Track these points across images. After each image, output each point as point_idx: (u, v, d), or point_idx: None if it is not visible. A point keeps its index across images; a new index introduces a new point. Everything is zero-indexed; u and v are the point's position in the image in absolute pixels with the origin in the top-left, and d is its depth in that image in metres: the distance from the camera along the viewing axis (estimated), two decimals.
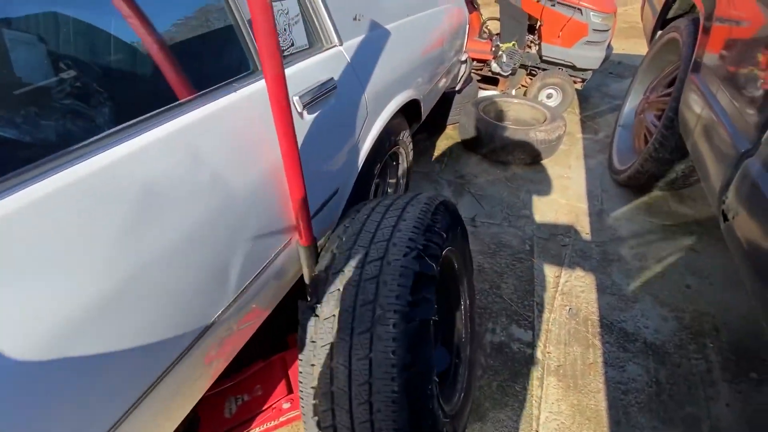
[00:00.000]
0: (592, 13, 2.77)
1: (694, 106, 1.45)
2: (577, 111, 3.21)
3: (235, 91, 0.69)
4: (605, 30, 2.83)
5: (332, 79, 0.89)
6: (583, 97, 3.43)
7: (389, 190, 1.72)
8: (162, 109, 0.58)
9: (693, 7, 2.01)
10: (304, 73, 0.83)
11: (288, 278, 0.92)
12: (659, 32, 2.25)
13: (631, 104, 2.44)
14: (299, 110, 0.80)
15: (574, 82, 3.16)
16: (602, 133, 2.84)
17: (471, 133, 2.46)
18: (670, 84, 2.00)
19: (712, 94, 1.35)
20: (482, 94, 3.29)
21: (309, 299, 0.82)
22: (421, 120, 1.75)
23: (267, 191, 0.75)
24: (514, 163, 2.43)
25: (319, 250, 0.88)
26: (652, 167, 1.90)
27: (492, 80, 3.39)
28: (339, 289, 0.77)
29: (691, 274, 1.71)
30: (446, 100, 2.70)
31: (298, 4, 0.84)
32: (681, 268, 1.74)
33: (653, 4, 2.50)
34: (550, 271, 1.72)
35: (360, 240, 0.82)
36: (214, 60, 0.75)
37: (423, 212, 0.87)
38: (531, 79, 3.32)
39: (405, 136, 1.54)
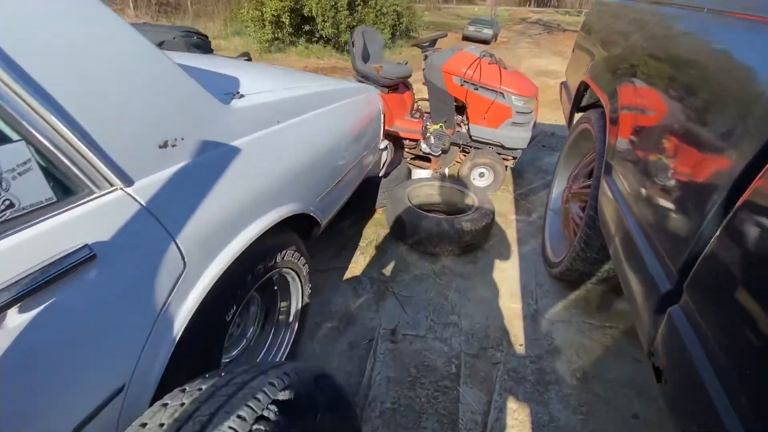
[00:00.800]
0: (513, 96, 2.80)
1: (610, 213, 1.31)
2: (511, 188, 3.16)
3: None
4: (528, 112, 2.86)
5: (85, 246, 0.61)
6: (516, 172, 3.41)
7: (280, 317, 1.40)
8: None
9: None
10: (18, 251, 0.55)
11: None
12: (574, 120, 2.24)
13: (557, 189, 2.37)
14: None
15: (505, 160, 3.15)
16: (535, 214, 2.75)
17: (397, 222, 2.26)
18: (591, 174, 1.93)
19: (627, 206, 1.21)
20: (416, 172, 3.19)
21: None
22: (321, 228, 1.51)
23: None
24: (443, 254, 2.22)
25: None
26: (580, 266, 1.74)
27: (426, 158, 3.32)
28: None
29: (637, 396, 1.48)
30: (372, 183, 2.53)
31: (28, 145, 0.58)
32: (626, 388, 1.51)
33: (568, 90, 2.55)
34: (478, 404, 1.42)
35: None
36: None
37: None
38: (465, 155, 3.29)
39: (289, 255, 1.27)
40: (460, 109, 3.12)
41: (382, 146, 2.26)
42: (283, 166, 1.17)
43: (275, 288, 1.34)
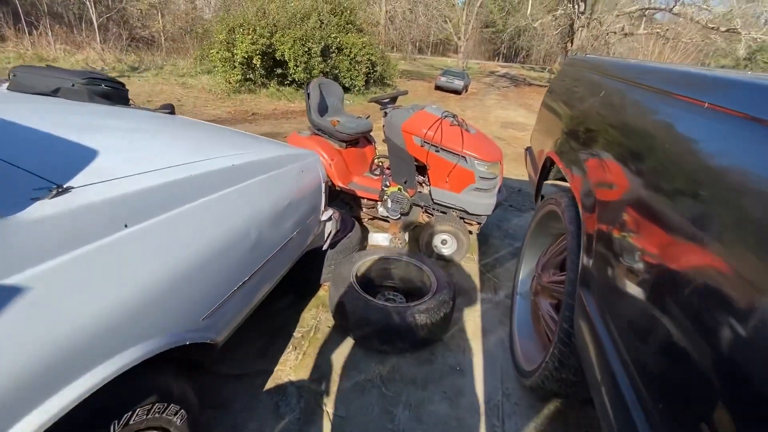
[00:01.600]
0: (476, 161, 2.58)
1: (591, 348, 0.99)
2: (476, 257, 2.87)
3: None
4: (492, 178, 2.64)
5: None
6: (482, 237, 3.15)
7: None
8: None
9: None
10: None
11: None
12: (540, 196, 2.01)
13: (525, 270, 2.08)
14: None
15: (469, 224, 2.88)
16: (503, 292, 2.44)
17: (340, 309, 1.88)
18: (562, 266, 1.65)
19: (612, 343, 0.90)
20: (373, 236, 2.86)
21: None
22: (218, 346, 1.11)
23: None
24: (393, 351, 1.85)
25: None
26: (555, 387, 1.40)
27: (386, 218, 3.01)
28: None
29: None
30: (317, 255, 2.17)
31: None
32: None
33: (533, 158, 2.35)
34: None
35: None
36: None
37: None
38: (428, 216, 3.00)
39: (146, 413, 0.86)
40: (423, 168, 2.87)
41: (325, 217, 1.93)
42: (129, 291, 0.79)
43: None
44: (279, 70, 9.79)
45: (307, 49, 9.47)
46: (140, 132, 1.34)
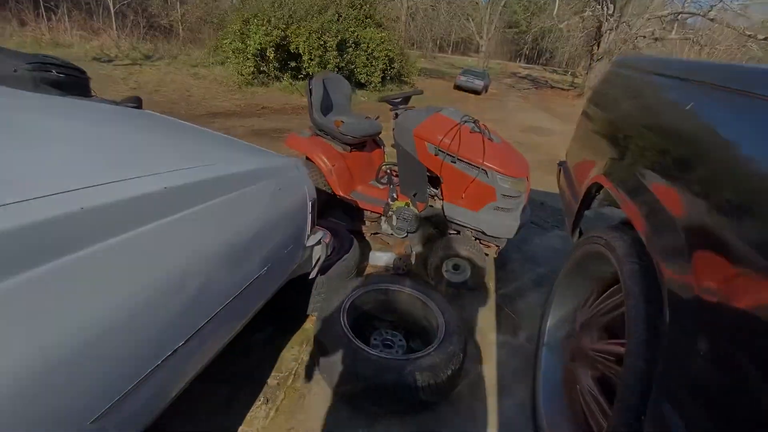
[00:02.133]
0: (498, 176, 2.20)
1: None
2: (492, 285, 2.49)
3: None
4: (516, 196, 2.25)
5: None
6: (499, 261, 2.76)
7: None
8: None
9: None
10: None
11: None
12: (578, 229, 1.62)
13: (555, 317, 1.69)
14: None
15: (487, 246, 2.50)
16: (524, 333, 2.06)
17: (325, 355, 1.53)
18: (610, 330, 1.26)
19: None
20: (374, 255, 2.51)
21: None
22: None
23: None
24: (386, 415, 1.49)
25: None
26: None
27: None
28: None
29: None
30: (302, 284, 1.82)
31: None
32: None
33: (570, 178, 1.95)
34: None
35: None
36: None
37: None
38: (439, 235, 2.63)
39: None
40: (436, 179, 2.49)
41: (312, 242, 1.58)
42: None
43: None
44: (293, 63, 9.50)
45: (322, 43, 9.14)
46: (61, 134, 1.01)
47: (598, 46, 20.91)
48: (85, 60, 8.55)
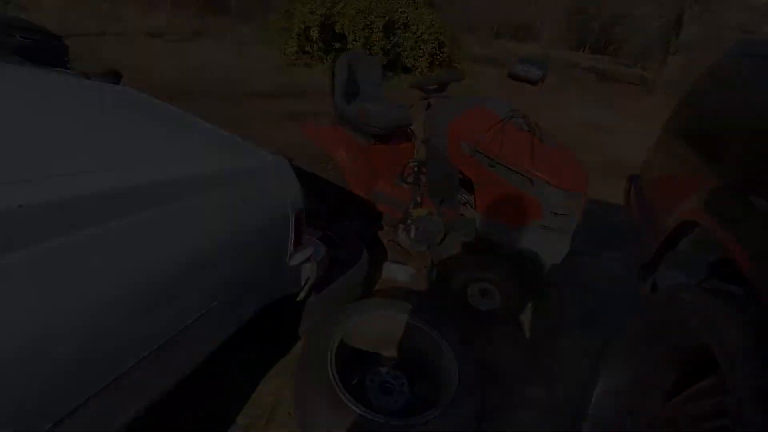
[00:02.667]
0: (548, 188, 1.75)
1: None
2: (528, 317, 2.07)
3: None
4: (568, 214, 1.80)
5: None
6: (536, 287, 2.31)
7: None
8: None
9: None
10: None
11: None
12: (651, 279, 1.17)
13: (605, 385, 1.27)
14: None
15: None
16: (562, 386, 1.65)
17: (303, 404, 1.23)
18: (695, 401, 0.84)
19: None
20: (389, 266, 2.17)
21: None
22: None
23: None
24: None
25: None
26: None
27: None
28: None
29: None
30: (291, 305, 1.53)
31: None
32: None
33: (643, 198, 1.48)
34: None
35: None
36: None
37: None
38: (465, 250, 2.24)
39: None
40: (470, 183, 2.08)
41: (297, 261, 1.27)
42: None
43: None
44: (338, 45, 9.18)
45: (369, 23, 8.72)
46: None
47: (677, 37, 18.69)
48: (140, 34, 8.76)
